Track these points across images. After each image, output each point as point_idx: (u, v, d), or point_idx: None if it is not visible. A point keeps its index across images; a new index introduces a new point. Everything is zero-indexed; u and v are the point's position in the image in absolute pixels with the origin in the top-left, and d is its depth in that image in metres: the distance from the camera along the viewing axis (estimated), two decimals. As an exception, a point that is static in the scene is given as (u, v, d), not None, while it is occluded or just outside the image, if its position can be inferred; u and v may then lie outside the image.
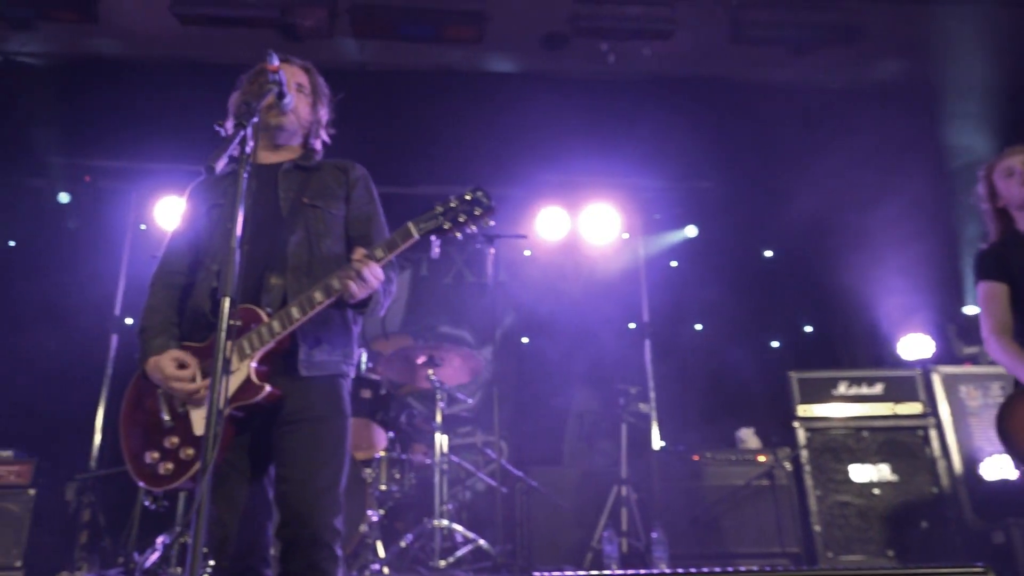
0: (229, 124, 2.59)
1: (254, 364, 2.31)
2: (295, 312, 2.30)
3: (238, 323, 2.28)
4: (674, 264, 6.89)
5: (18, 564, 4.50)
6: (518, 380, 6.52)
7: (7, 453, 4.89)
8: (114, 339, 6.10)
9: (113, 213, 6.42)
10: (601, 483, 5.31)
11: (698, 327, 6.72)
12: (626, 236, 6.72)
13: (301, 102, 2.68)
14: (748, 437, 5.41)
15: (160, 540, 4.65)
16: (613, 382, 5.90)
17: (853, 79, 6.39)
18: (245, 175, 2.14)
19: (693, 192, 6.76)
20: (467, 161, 6.45)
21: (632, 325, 6.65)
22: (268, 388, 2.30)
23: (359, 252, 2.32)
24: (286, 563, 2.24)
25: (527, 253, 6.85)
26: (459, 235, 2.34)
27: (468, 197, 2.35)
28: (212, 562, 2.37)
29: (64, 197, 6.34)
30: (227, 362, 1.96)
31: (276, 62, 2.41)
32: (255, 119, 2.21)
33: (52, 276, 6.14)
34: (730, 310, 6.62)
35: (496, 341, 6.68)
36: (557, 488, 5.22)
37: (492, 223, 2.37)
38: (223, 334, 1.96)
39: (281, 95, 2.51)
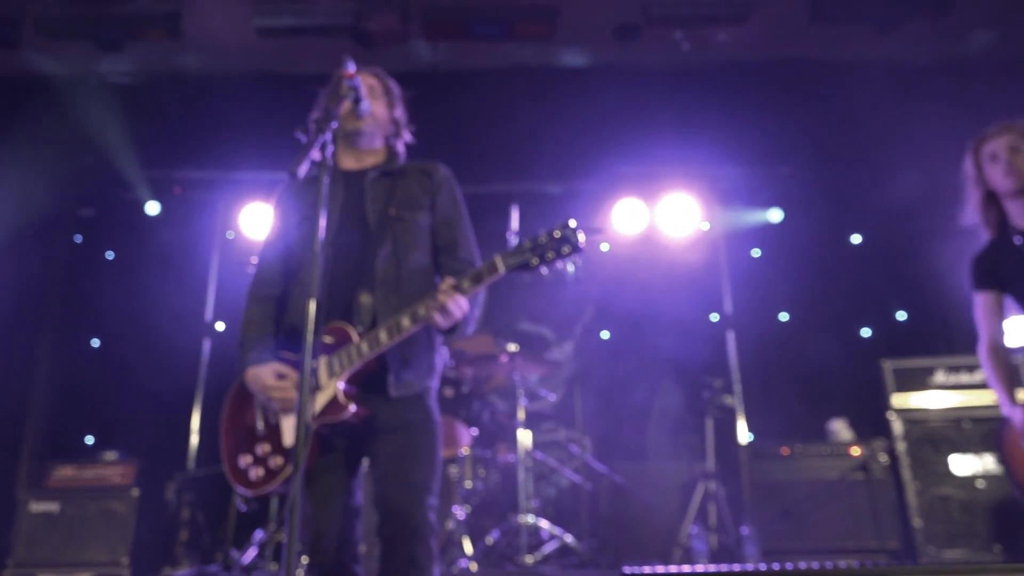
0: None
1: (341, 384, 2.37)
2: (383, 336, 2.35)
3: (330, 340, 2.37)
4: (756, 253, 6.72)
5: (124, 560, 4.71)
6: (599, 375, 6.47)
7: (112, 455, 5.12)
8: (206, 344, 6.33)
9: (201, 223, 6.65)
10: (687, 478, 5.24)
11: (783, 317, 6.54)
12: (706, 226, 6.59)
13: (376, 103, 2.72)
14: (840, 429, 5.25)
15: (256, 537, 4.80)
16: (696, 375, 5.80)
17: (943, 54, 6.11)
18: (327, 180, 2.20)
19: (775, 178, 6.58)
20: (542, 157, 6.43)
21: (715, 317, 6.52)
22: (353, 407, 2.35)
23: (446, 283, 2.34)
24: (386, 559, 2.30)
25: (605, 248, 6.79)
26: (545, 271, 2.33)
27: (557, 234, 2.32)
28: (305, 559, 2.44)
29: (153, 207, 6.61)
30: (314, 370, 2.02)
31: (352, 68, 2.45)
32: (334, 124, 2.26)
33: (147, 285, 6.42)
34: (817, 299, 6.42)
35: (576, 337, 6.65)
36: (642, 484, 5.18)
37: (579, 262, 2.35)
38: (309, 336, 2.01)
39: (358, 100, 2.55)
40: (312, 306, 2.04)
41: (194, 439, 6.05)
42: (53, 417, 6.39)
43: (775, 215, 6.62)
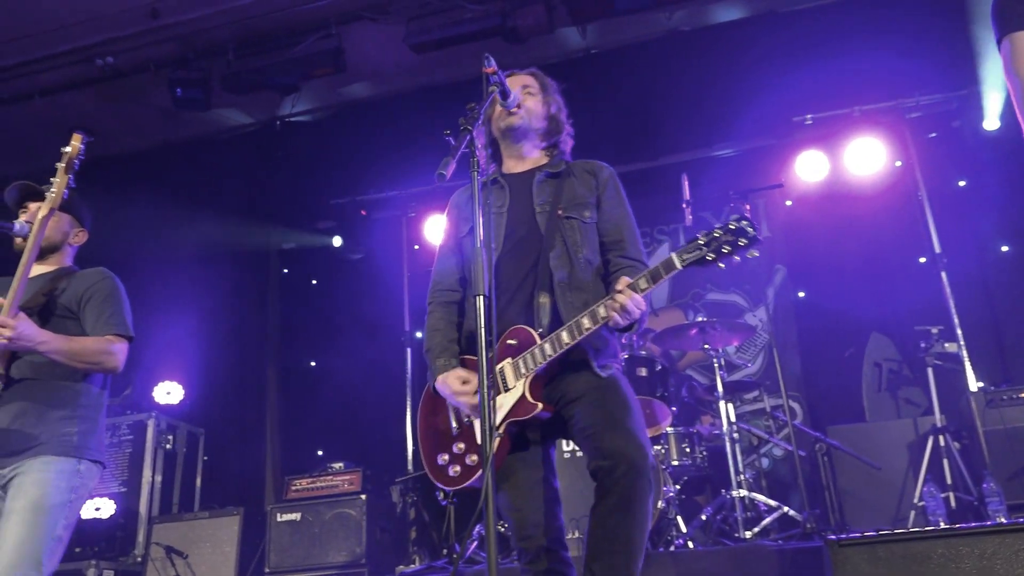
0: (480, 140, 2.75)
1: (528, 384, 2.43)
2: (565, 337, 2.41)
3: (514, 342, 2.47)
4: (963, 183, 6.11)
5: (363, 561, 5.05)
6: (800, 337, 6.16)
7: (339, 465, 5.52)
8: (408, 352, 6.65)
9: (389, 239, 7.04)
10: (913, 436, 4.88)
11: (1004, 248, 5.90)
12: (898, 164, 6.07)
13: (530, 100, 2.75)
14: (1088, 364, 4.67)
15: (477, 530, 5.00)
16: (910, 324, 5.38)
17: None
18: (479, 177, 2.27)
19: (972, 97, 5.94)
20: (709, 121, 6.22)
21: (923, 259, 5.99)
22: (540, 406, 2.41)
23: (622, 282, 2.36)
24: (604, 495, 2.29)
25: (788, 203, 6.45)
26: (722, 266, 2.33)
27: (732, 226, 2.31)
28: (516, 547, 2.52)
29: (337, 241, 7.10)
30: (491, 361, 2.10)
31: (493, 64, 2.50)
32: (479, 120, 2.32)
33: (349, 303, 6.89)
34: (1043, 223, 5.74)
35: (769, 300, 6.37)
36: (862, 445, 4.88)
37: (756, 254, 2.32)
38: (482, 331, 2.09)
39: (504, 94, 2.59)
40: (480, 302, 2.11)
41: (409, 442, 6.39)
42: (286, 435, 7.02)
43: (991, 123, 5.83)
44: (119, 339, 2.95)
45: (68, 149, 2.92)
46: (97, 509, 5.55)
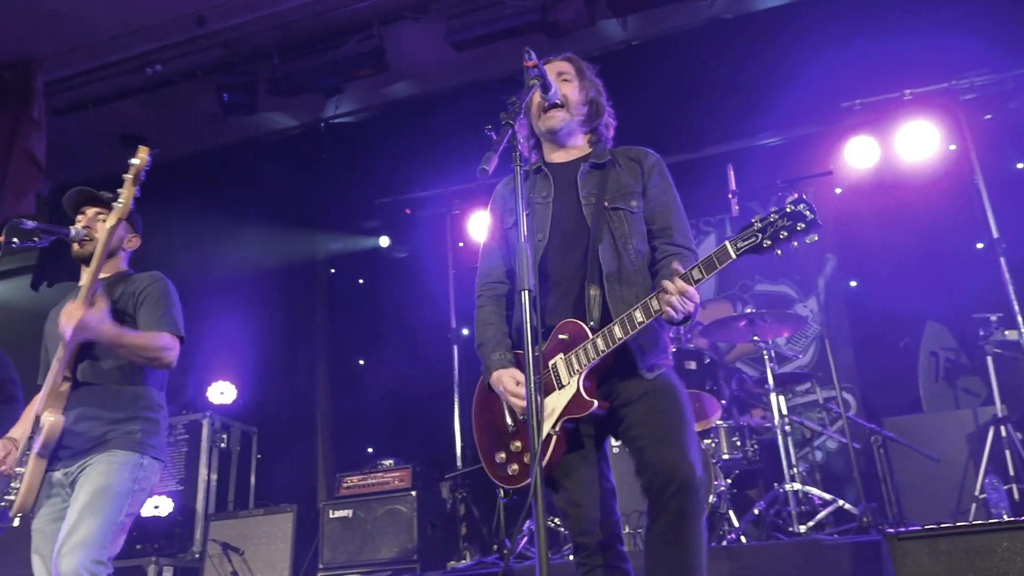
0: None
1: (583, 380, 2.41)
2: (618, 331, 2.37)
3: (565, 337, 2.44)
4: (1021, 166, 5.91)
5: (414, 557, 5.09)
6: (853, 327, 6.02)
7: (389, 462, 5.56)
8: (455, 349, 6.67)
9: (433, 237, 7.06)
10: (972, 426, 4.74)
11: (1067, 231, 5.70)
12: (952, 147, 5.90)
13: (568, 87, 2.73)
14: None
15: (527, 525, 5.00)
16: (967, 312, 5.23)
17: None
18: (521, 171, 2.26)
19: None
20: (754, 109, 6.11)
21: (980, 245, 5.81)
22: (596, 403, 2.39)
23: (676, 273, 2.31)
24: (656, 514, 2.29)
25: (838, 191, 6.31)
26: (779, 252, 2.24)
27: (789, 209, 2.23)
28: (572, 543, 2.51)
29: (384, 241, 7.16)
30: (537, 360, 2.10)
31: (533, 58, 2.49)
32: (520, 114, 2.31)
33: (396, 302, 6.93)
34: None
35: (819, 290, 6.25)
36: (919, 437, 4.76)
37: (816, 238, 2.23)
38: (528, 325, 2.08)
39: (546, 88, 2.58)
40: (526, 296, 2.10)
41: (458, 439, 6.41)
42: (336, 433, 7.10)
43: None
44: (172, 337, 3.04)
45: (136, 161, 2.99)
46: (156, 507, 5.68)
